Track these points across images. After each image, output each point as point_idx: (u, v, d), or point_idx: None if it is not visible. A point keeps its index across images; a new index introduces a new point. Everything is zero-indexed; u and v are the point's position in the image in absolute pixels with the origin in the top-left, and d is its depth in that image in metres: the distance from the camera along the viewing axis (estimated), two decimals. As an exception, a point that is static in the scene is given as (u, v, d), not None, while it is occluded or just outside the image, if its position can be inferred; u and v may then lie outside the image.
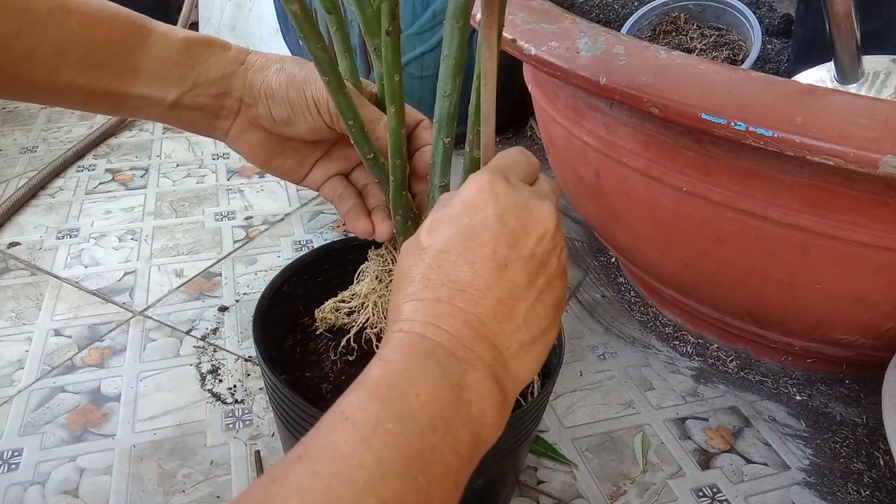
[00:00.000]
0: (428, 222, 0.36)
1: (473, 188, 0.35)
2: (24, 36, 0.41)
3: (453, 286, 0.33)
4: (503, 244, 0.34)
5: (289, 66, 0.47)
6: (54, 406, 0.67)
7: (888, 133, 0.45)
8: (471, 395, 0.31)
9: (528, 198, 0.36)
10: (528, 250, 0.35)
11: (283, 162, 0.51)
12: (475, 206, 0.35)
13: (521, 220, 0.35)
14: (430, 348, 0.32)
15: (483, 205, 0.35)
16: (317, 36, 0.39)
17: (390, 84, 0.40)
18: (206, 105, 0.48)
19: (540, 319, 0.35)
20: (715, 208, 0.58)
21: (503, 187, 0.35)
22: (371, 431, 0.28)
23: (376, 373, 0.31)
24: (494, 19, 0.34)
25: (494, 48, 0.35)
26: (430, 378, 0.30)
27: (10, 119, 1.26)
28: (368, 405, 0.29)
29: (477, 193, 0.35)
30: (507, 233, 0.34)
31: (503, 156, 0.38)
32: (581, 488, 0.61)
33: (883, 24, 0.70)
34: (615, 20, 0.92)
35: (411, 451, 0.28)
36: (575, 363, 0.75)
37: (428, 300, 0.33)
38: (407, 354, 0.31)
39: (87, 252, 0.90)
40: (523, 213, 0.35)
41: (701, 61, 0.55)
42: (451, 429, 0.30)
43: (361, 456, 0.27)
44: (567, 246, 0.40)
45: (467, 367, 0.32)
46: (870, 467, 0.64)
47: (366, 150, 0.45)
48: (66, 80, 0.43)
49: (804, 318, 0.64)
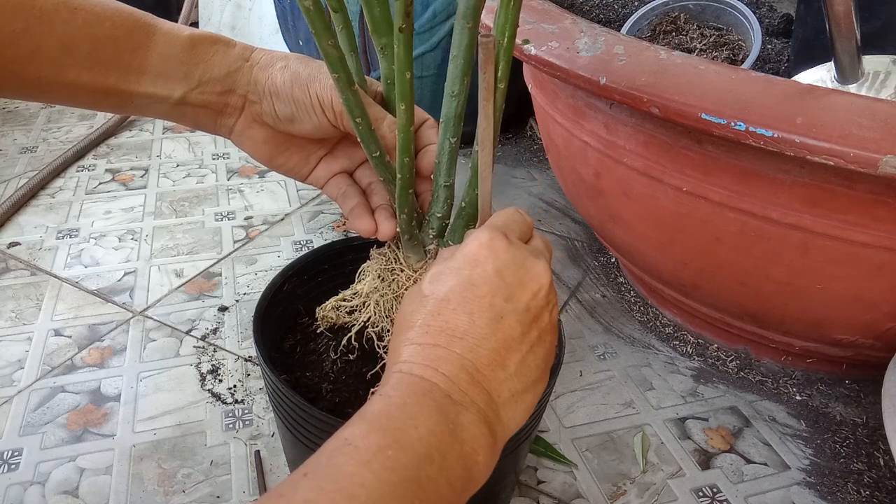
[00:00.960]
0: (431, 273, 0.38)
1: (475, 244, 0.37)
2: (31, 33, 0.41)
3: (451, 333, 0.35)
4: (500, 297, 0.36)
5: (293, 64, 0.47)
6: (54, 406, 0.67)
7: (888, 133, 0.45)
8: (464, 433, 0.33)
9: (525, 256, 0.38)
10: (523, 304, 0.37)
11: (287, 159, 0.51)
12: (475, 261, 0.37)
13: (517, 275, 0.37)
14: (428, 388, 0.33)
15: (483, 260, 0.37)
16: (328, 32, 0.39)
17: (401, 81, 0.40)
18: (211, 102, 0.48)
19: (531, 371, 0.37)
20: (715, 208, 0.58)
21: (502, 244, 0.37)
22: (372, 456, 0.29)
23: (377, 406, 0.32)
24: (492, 92, 0.38)
25: (491, 117, 0.38)
26: (428, 414, 0.32)
27: (10, 119, 1.26)
28: (370, 433, 0.30)
29: (478, 249, 0.37)
30: (505, 287, 0.36)
31: (501, 215, 0.41)
32: (581, 488, 0.61)
33: (883, 24, 0.70)
34: (615, 20, 0.92)
35: (410, 476, 0.29)
36: (575, 363, 0.75)
37: (427, 345, 0.35)
38: (406, 392, 0.33)
39: (87, 252, 0.90)
40: (520, 269, 0.37)
41: (701, 61, 0.55)
42: (447, 462, 0.31)
43: (363, 476, 0.28)
44: (567, 246, 0.41)
45: (461, 408, 0.33)
46: (870, 467, 0.64)
47: (372, 147, 0.45)
48: (73, 77, 0.43)
49: (804, 318, 0.64)
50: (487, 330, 0.35)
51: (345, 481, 0.28)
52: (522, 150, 1.20)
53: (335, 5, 0.41)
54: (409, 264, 0.48)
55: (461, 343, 0.35)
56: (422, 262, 0.48)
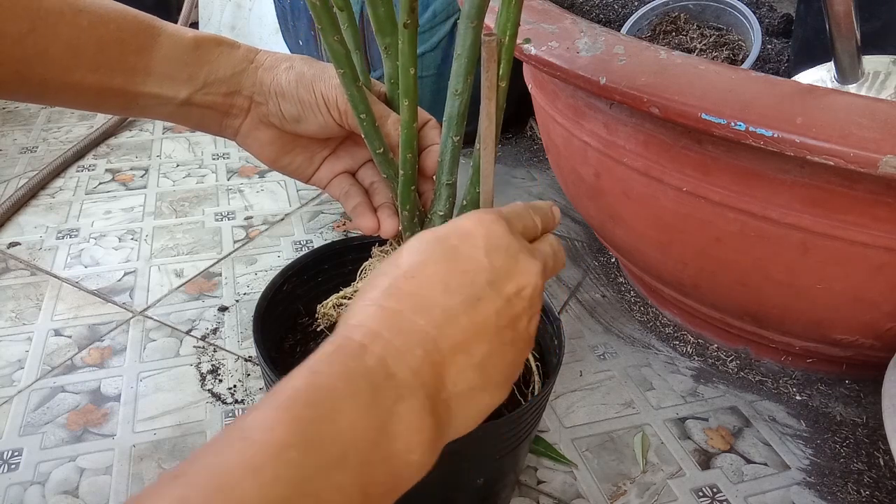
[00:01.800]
0: (415, 238, 0.34)
1: (473, 218, 0.34)
2: (37, 34, 0.41)
3: (420, 301, 0.31)
4: (483, 278, 0.32)
5: (298, 65, 0.47)
6: (54, 406, 0.67)
7: (888, 133, 0.45)
8: (399, 425, 0.28)
9: (520, 248, 0.35)
10: (505, 295, 0.33)
11: (291, 160, 0.52)
12: (467, 234, 0.34)
13: (507, 264, 0.34)
14: (369, 365, 0.28)
15: (475, 235, 0.34)
16: (334, 28, 0.40)
17: (405, 77, 0.40)
18: (216, 103, 0.48)
19: (496, 370, 0.33)
20: (715, 208, 0.58)
21: (500, 228, 0.34)
22: (268, 458, 0.24)
23: (297, 384, 0.27)
24: (494, 91, 0.37)
25: (493, 116, 0.38)
26: (357, 401, 0.27)
27: (10, 119, 1.26)
28: (276, 425, 0.25)
29: (473, 224, 0.34)
30: (491, 269, 0.33)
31: (510, 205, 0.38)
32: (581, 488, 0.61)
33: (883, 24, 0.70)
34: (615, 20, 0.92)
35: (309, 490, 0.24)
36: (575, 363, 0.75)
37: (389, 308, 0.31)
38: (339, 368, 0.28)
39: (87, 252, 0.90)
40: (512, 259, 0.34)
41: (701, 61, 0.55)
42: (367, 465, 0.26)
43: (244, 489, 0.23)
44: (567, 246, 0.40)
45: (405, 392, 0.28)
46: (870, 467, 0.64)
47: (376, 144, 0.45)
48: (79, 79, 0.43)
49: (804, 318, 0.64)
50: (461, 308, 0.31)
51: (218, 494, 0.23)
52: (522, 150, 1.20)
53: (341, 4, 0.41)
54: (410, 263, 0.48)
55: (428, 315, 0.31)
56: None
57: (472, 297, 0.32)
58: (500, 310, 0.33)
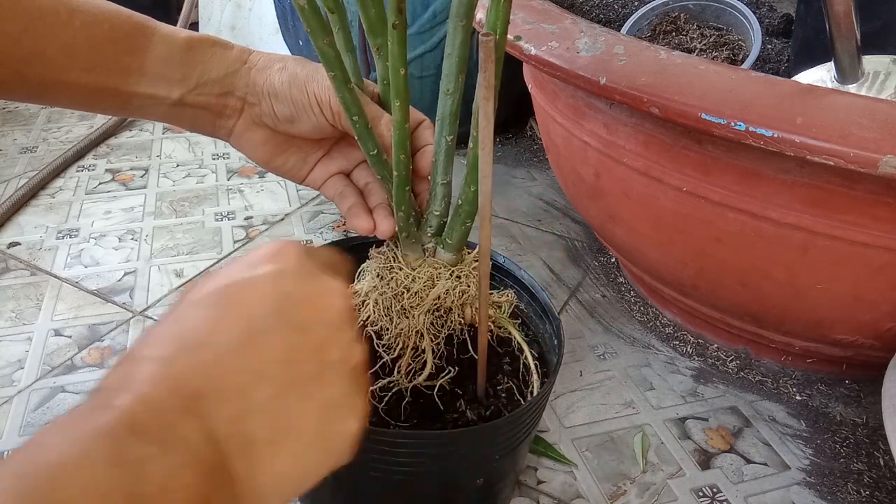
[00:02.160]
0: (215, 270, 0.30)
1: (266, 246, 0.30)
2: (32, 34, 0.41)
3: (184, 342, 0.26)
4: (268, 306, 0.28)
5: (291, 65, 0.47)
6: (54, 406, 0.67)
7: (888, 133, 0.45)
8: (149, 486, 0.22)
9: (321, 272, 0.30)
10: (296, 321, 0.28)
11: (285, 161, 0.52)
12: (259, 259, 0.29)
13: (303, 288, 0.29)
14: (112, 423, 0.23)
15: (264, 260, 0.29)
16: (324, 31, 0.39)
17: (395, 78, 0.40)
18: (209, 104, 0.48)
19: (297, 415, 0.27)
20: (715, 208, 0.58)
21: (296, 251, 0.30)
22: None
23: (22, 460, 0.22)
24: (492, 91, 0.37)
25: (492, 116, 0.38)
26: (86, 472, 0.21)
27: (10, 119, 1.26)
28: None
29: (265, 250, 0.30)
30: (275, 296, 0.28)
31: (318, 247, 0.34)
32: (581, 488, 0.61)
33: (883, 24, 0.70)
34: (615, 20, 0.92)
35: None
36: (575, 363, 0.75)
37: (147, 359, 0.26)
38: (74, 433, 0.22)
39: (87, 252, 0.90)
40: (308, 281, 0.29)
41: (701, 61, 0.55)
42: None
43: None
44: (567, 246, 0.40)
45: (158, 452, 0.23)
46: (870, 467, 0.64)
47: (370, 146, 0.45)
48: (74, 79, 0.44)
49: (804, 318, 0.64)
50: (234, 344, 0.26)
51: None
52: (522, 150, 1.20)
53: (331, 6, 0.41)
54: (408, 262, 0.48)
55: (190, 356, 0.26)
56: (420, 261, 0.48)
57: (252, 330, 0.27)
58: (290, 340, 0.27)
